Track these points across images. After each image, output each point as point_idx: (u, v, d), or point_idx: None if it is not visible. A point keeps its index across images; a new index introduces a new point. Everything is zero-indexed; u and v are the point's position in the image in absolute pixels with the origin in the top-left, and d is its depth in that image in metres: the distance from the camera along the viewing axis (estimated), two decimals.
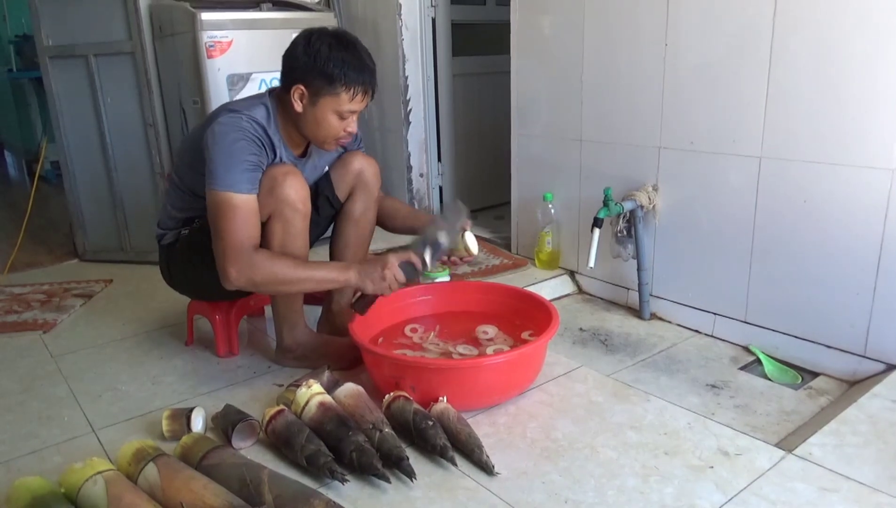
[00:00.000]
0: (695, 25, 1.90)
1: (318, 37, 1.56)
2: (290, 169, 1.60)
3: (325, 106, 1.56)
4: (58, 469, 1.30)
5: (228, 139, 1.52)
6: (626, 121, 2.14)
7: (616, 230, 2.15)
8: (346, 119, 1.59)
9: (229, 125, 1.54)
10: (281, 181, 1.56)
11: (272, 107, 1.63)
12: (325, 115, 1.57)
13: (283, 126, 1.64)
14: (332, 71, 1.53)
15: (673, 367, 1.86)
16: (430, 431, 1.36)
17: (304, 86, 1.55)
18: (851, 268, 1.70)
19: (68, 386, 1.74)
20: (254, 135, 1.55)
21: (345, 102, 1.56)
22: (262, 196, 1.56)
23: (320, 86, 1.54)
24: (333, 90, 1.54)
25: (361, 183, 1.81)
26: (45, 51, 2.70)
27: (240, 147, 1.52)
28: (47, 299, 2.40)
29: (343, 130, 1.60)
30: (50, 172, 4.87)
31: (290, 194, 1.56)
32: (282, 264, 1.53)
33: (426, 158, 3.31)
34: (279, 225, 1.58)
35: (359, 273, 1.56)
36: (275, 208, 1.57)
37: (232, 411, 1.45)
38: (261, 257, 1.53)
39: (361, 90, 1.57)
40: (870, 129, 1.61)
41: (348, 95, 1.55)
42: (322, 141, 1.63)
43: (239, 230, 1.50)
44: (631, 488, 1.26)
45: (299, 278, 1.54)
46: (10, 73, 5.37)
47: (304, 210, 1.60)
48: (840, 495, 1.22)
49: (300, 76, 1.55)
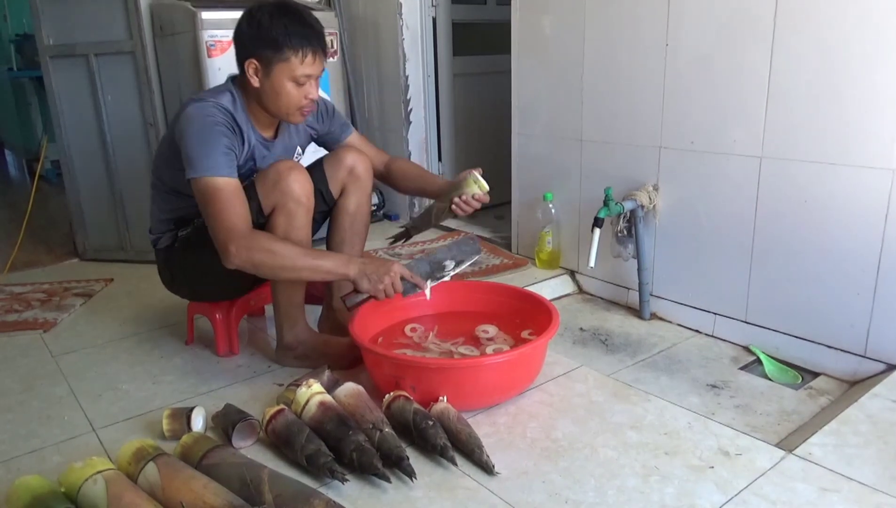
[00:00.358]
0: (695, 25, 1.90)
1: (258, 9, 1.58)
2: (294, 164, 1.64)
3: (279, 75, 1.57)
4: (58, 469, 1.30)
5: (200, 126, 1.54)
6: (627, 121, 2.14)
7: (616, 230, 2.15)
8: (304, 85, 1.59)
9: (198, 113, 1.56)
10: (285, 175, 1.59)
11: (236, 92, 1.65)
12: (282, 83, 1.58)
13: (249, 109, 1.66)
14: (276, 37, 1.54)
15: (673, 367, 1.86)
16: (430, 431, 1.36)
17: (255, 59, 1.57)
18: (852, 268, 1.70)
19: (68, 385, 1.74)
20: (223, 120, 1.57)
21: (296, 67, 1.56)
22: (267, 190, 1.60)
23: (269, 55, 1.55)
24: (283, 56, 1.55)
25: (354, 178, 1.80)
26: (45, 50, 2.70)
27: (212, 132, 1.54)
28: (47, 299, 2.41)
29: (304, 97, 1.60)
30: (50, 172, 4.87)
31: (295, 188, 1.59)
32: (281, 247, 1.54)
33: (426, 157, 3.31)
34: (283, 218, 1.60)
35: (359, 269, 1.56)
36: (278, 201, 1.59)
37: (232, 410, 1.45)
38: (260, 236, 1.55)
39: (310, 51, 1.56)
40: (870, 129, 1.61)
41: (297, 58, 1.55)
42: (286, 113, 1.63)
43: (230, 210, 1.52)
44: (631, 488, 1.26)
45: (299, 263, 1.54)
46: (10, 72, 5.37)
47: (308, 204, 1.62)
48: (840, 495, 1.22)
49: (250, 50, 1.58)
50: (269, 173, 1.61)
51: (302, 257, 1.54)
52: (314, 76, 1.60)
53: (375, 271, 1.56)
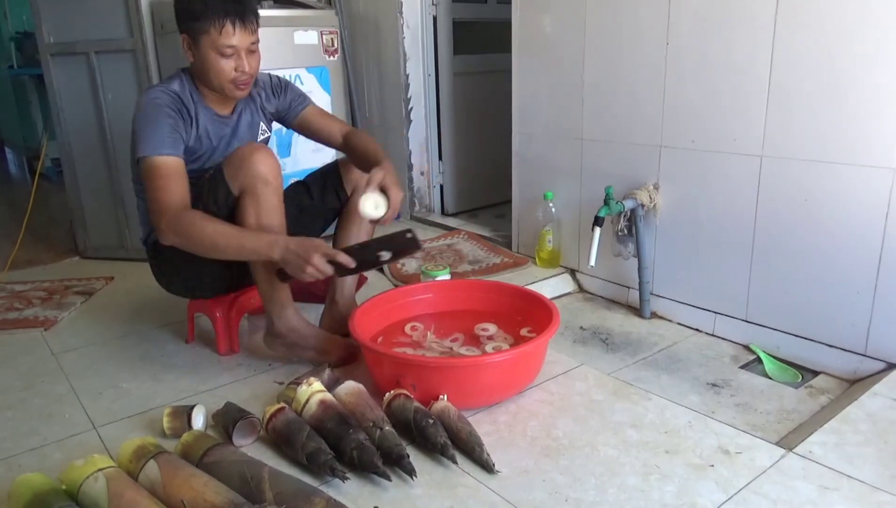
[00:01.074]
0: (696, 24, 1.90)
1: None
2: (259, 145, 1.63)
3: (204, 47, 1.58)
4: (59, 466, 1.30)
5: (145, 109, 1.59)
6: (627, 119, 2.14)
7: (617, 229, 2.15)
8: (230, 56, 1.59)
9: (145, 99, 1.61)
10: (249, 157, 1.58)
11: (186, 76, 1.68)
12: (207, 55, 1.59)
13: (200, 89, 1.68)
14: (195, 9, 1.55)
15: (673, 366, 1.86)
16: (430, 429, 1.36)
17: (185, 34, 1.59)
18: (852, 267, 1.70)
19: (69, 383, 1.74)
20: (168, 102, 1.60)
21: (216, 38, 1.56)
22: (232, 172, 1.60)
23: (193, 27, 1.57)
24: (203, 27, 1.56)
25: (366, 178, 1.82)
26: (46, 48, 2.70)
27: (157, 114, 1.58)
28: (48, 297, 2.41)
29: (233, 69, 1.60)
30: (51, 170, 4.87)
31: (261, 169, 1.57)
32: (208, 224, 1.53)
33: (427, 156, 3.31)
34: (251, 200, 1.59)
35: (283, 253, 1.51)
36: (245, 184, 1.58)
37: (233, 408, 1.45)
38: (190, 214, 1.55)
39: (229, 21, 1.55)
40: (871, 128, 1.61)
41: (217, 28, 1.55)
42: (220, 85, 1.63)
43: (166, 188, 1.55)
44: (632, 486, 1.26)
45: (222, 242, 1.53)
46: (10, 70, 5.36)
47: (276, 183, 1.60)
48: (840, 493, 1.22)
49: (181, 26, 1.60)
50: (234, 157, 1.61)
51: (228, 236, 1.54)
52: (239, 47, 1.59)
53: (298, 255, 1.50)
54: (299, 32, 2.67)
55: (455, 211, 3.44)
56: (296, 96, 1.88)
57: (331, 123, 1.90)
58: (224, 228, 1.54)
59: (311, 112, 1.89)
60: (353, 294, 1.93)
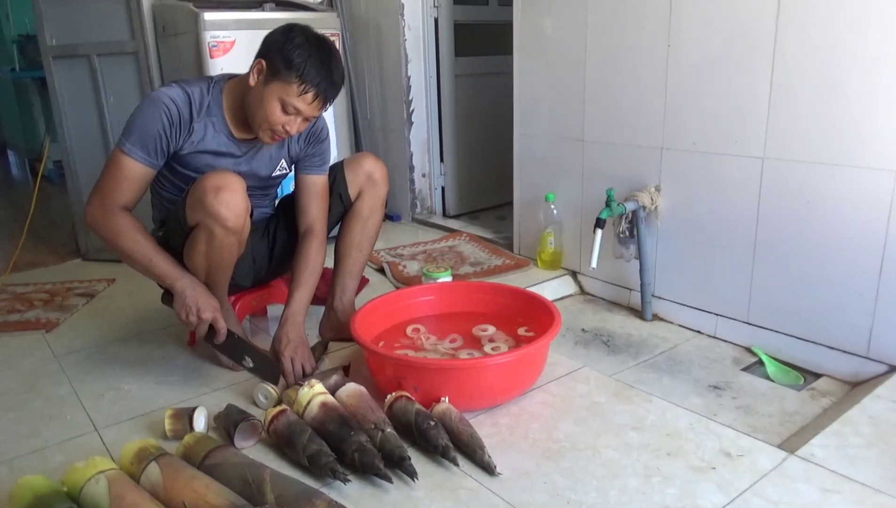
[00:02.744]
0: (697, 26, 1.90)
1: (302, 30, 1.57)
2: (229, 181, 1.53)
3: (274, 89, 1.54)
4: (60, 469, 1.30)
5: (146, 107, 1.56)
6: (629, 121, 2.14)
7: (618, 231, 2.15)
8: (289, 114, 1.55)
9: (155, 96, 1.58)
10: (211, 192, 1.50)
11: (219, 85, 1.65)
12: (271, 97, 1.54)
13: (230, 104, 1.64)
14: (294, 58, 1.52)
15: (675, 368, 1.86)
16: (432, 431, 1.36)
17: (265, 61, 1.55)
18: (854, 269, 1.70)
19: (71, 386, 1.75)
20: (171, 110, 1.56)
21: (292, 94, 1.53)
22: (192, 202, 1.54)
23: (278, 68, 1.53)
24: (287, 77, 1.52)
25: (371, 183, 1.85)
26: (48, 50, 2.71)
27: (151, 118, 1.55)
28: (50, 299, 2.41)
29: (282, 124, 1.57)
30: (53, 172, 4.88)
31: (223, 212, 1.51)
32: (133, 236, 1.54)
33: (428, 158, 3.31)
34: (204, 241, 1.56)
35: (182, 290, 1.56)
36: (202, 220, 1.53)
37: (234, 410, 1.45)
38: (121, 219, 1.55)
39: (313, 91, 1.53)
40: (873, 129, 1.61)
41: (299, 88, 1.52)
42: (258, 123, 1.59)
43: (117, 185, 1.55)
44: (633, 489, 1.26)
45: (136, 256, 1.55)
46: (13, 72, 5.37)
47: (235, 226, 1.54)
48: (842, 496, 1.22)
49: (266, 53, 1.56)
50: (198, 185, 1.53)
51: (142, 250, 1.55)
52: (304, 114, 1.56)
53: (189, 303, 1.56)
54: None
55: (456, 213, 3.44)
56: (320, 157, 1.81)
57: (316, 207, 1.80)
58: (141, 243, 1.55)
59: (318, 183, 1.81)
60: (352, 299, 1.93)
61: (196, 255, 1.59)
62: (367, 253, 1.91)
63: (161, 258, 1.57)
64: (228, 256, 1.61)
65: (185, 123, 1.60)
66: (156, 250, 1.57)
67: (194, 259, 1.60)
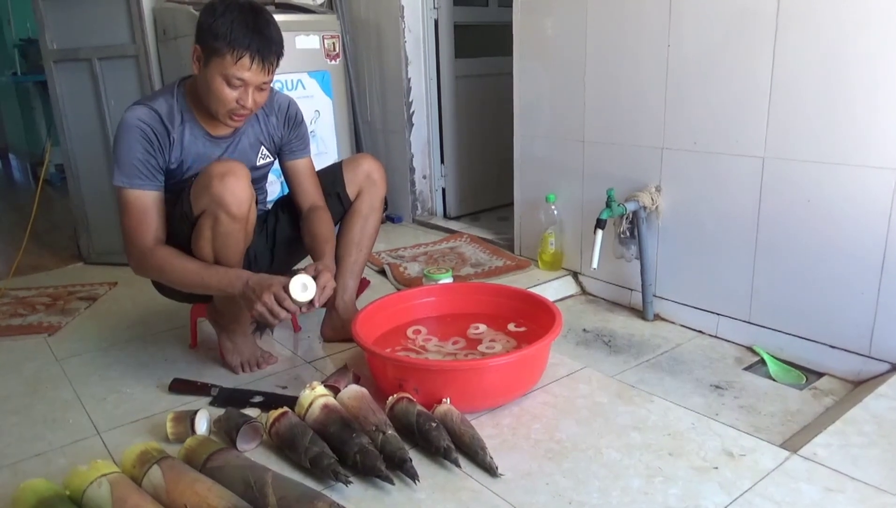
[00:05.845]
0: (697, 26, 1.90)
1: (222, 1, 1.53)
2: (233, 167, 1.52)
3: (213, 68, 1.50)
4: (63, 472, 1.30)
5: (121, 133, 1.56)
6: (629, 122, 2.14)
7: (619, 231, 2.15)
8: (237, 88, 1.52)
9: (123, 121, 1.57)
10: (216, 179, 1.49)
11: (180, 89, 1.63)
12: (214, 77, 1.51)
13: (195, 104, 1.62)
14: (219, 29, 1.48)
15: (677, 368, 1.86)
16: (433, 433, 1.36)
17: (199, 46, 1.53)
18: (855, 268, 1.70)
19: (73, 389, 1.75)
20: (146, 130, 1.55)
21: (229, 65, 1.48)
22: (196, 192, 1.53)
23: (210, 45, 1.50)
24: (219, 50, 1.48)
25: (370, 183, 1.87)
26: (49, 54, 2.71)
27: (131, 141, 1.55)
28: (52, 303, 2.41)
29: (235, 100, 1.53)
30: (54, 176, 4.89)
31: (227, 198, 1.49)
32: (174, 265, 1.54)
33: (429, 159, 3.32)
34: (210, 229, 1.53)
35: (243, 289, 1.49)
36: (207, 208, 1.51)
37: (236, 413, 1.45)
38: (160, 253, 1.55)
39: (248, 55, 1.48)
40: (874, 128, 1.61)
41: (232, 57, 1.48)
42: (215, 109, 1.56)
43: (139, 225, 1.56)
44: (635, 489, 1.26)
45: (188, 281, 1.55)
46: (14, 76, 5.39)
47: (241, 215, 1.52)
48: (845, 495, 1.22)
49: (199, 37, 1.53)
50: (203, 175, 1.52)
51: (191, 275, 1.54)
52: (250, 83, 1.52)
53: (253, 294, 1.48)
54: (301, 37, 2.68)
55: (457, 214, 3.44)
56: (300, 140, 1.82)
57: (310, 187, 1.82)
58: (186, 267, 1.54)
59: (305, 165, 1.83)
60: (353, 300, 1.94)
61: (203, 243, 1.56)
62: (366, 252, 1.92)
63: (209, 274, 1.54)
64: (234, 243, 1.57)
65: (163, 138, 1.58)
66: (201, 268, 1.55)
67: (202, 248, 1.57)
